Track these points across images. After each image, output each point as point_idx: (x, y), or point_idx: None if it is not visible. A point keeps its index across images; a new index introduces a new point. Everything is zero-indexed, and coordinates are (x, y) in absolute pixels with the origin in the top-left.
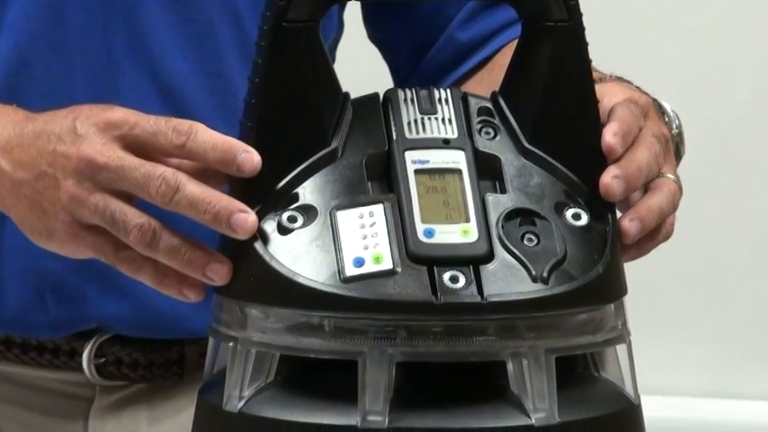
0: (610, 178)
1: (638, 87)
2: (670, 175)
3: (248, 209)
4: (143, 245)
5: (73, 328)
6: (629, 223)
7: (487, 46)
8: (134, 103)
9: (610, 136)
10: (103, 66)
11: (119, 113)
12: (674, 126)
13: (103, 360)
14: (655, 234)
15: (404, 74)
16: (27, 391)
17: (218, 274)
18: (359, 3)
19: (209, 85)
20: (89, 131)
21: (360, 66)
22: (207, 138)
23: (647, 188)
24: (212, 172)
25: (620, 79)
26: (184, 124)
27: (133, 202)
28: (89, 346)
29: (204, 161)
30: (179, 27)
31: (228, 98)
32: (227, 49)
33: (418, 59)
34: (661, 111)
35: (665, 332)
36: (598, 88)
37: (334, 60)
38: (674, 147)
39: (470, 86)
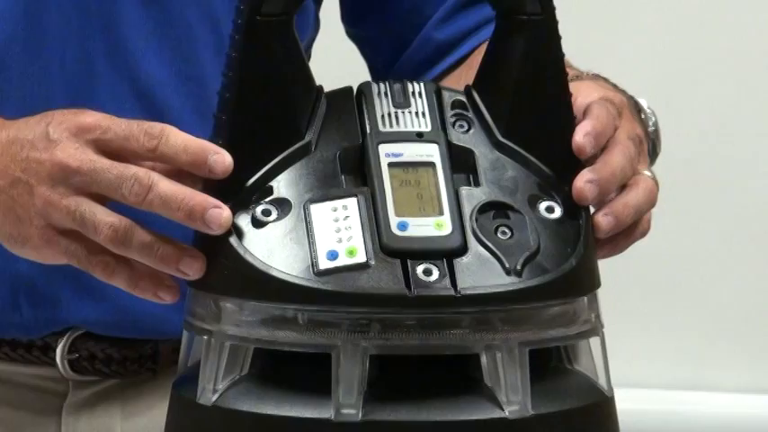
0: (583, 183)
1: (614, 85)
2: (646, 173)
3: (222, 204)
4: (115, 243)
5: (46, 329)
6: (603, 218)
7: (464, 44)
8: (110, 106)
9: (580, 136)
10: (80, 68)
11: (91, 118)
12: (651, 123)
13: (77, 355)
14: (630, 231)
15: (381, 72)
16: (0, 387)
17: (192, 268)
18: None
19: (186, 88)
20: (62, 137)
21: (337, 62)
22: (178, 140)
23: (623, 185)
24: (186, 172)
25: (596, 77)
26: (156, 128)
27: (107, 204)
28: (63, 342)
29: (176, 164)
30: (156, 30)
31: (205, 102)
32: (205, 52)
33: (395, 58)
34: (637, 108)
35: (638, 325)
36: (573, 86)
37: (309, 58)
38: (650, 144)
39: (448, 84)
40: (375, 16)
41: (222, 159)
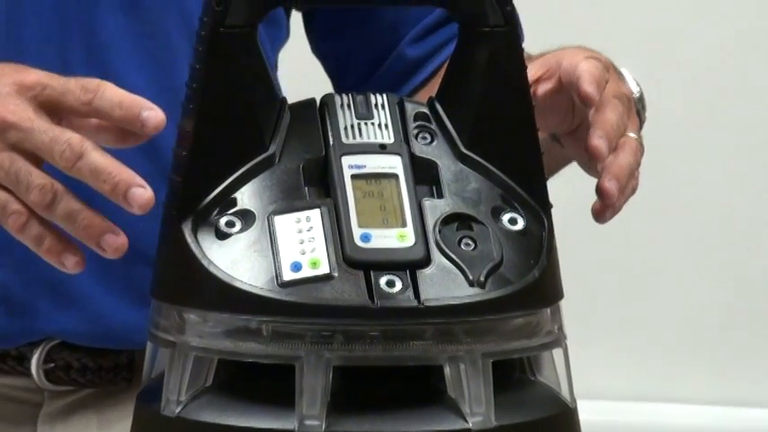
0: (597, 139)
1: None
2: (632, 134)
3: (147, 185)
4: (42, 205)
5: (22, 339)
6: (609, 183)
7: (435, 59)
8: None
9: (596, 139)
10: None
11: (32, 75)
12: (635, 90)
13: (52, 365)
14: (627, 189)
15: (350, 89)
16: None
17: (112, 245)
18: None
19: (165, 97)
20: (2, 91)
21: (305, 71)
22: (114, 95)
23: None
24: (129, 132)
25: (580, 47)
26: (93, 82)
27: (41, 167)
28: (38, 352)
29: (110, 119)
30: (136, 40)
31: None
32: (183, 62)
33: (368, 77)
34: (619, 75)
35: (602, 336)
36: (557, 53)
37: (276, 67)
38: (636, 110)
39: (421, 98)
40: (351, 33)
41: (155, 114)
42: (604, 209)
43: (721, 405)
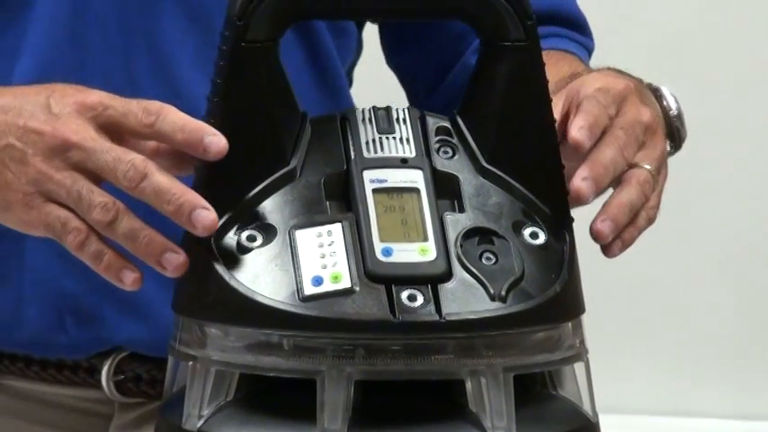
0: (579, 181)
1: (621, 73)
2: (645, 165)
3: (211, 207)
4: (104, 223)
5: (91, 349)
6: (602, 224)
7: None
8: None
9: (575, 131)
10: (124, 88)
11: (94, 96)
12: (673, 107)
13: (122, 377)
14: (633, 224)
15: (422, 99)
16: (47, 409)
17: (173, 264)
18: (376, 26)
19: None
20: (64, 111)
21: (377, 86)
22: (176, 118)
23: (619, 180)
24: (187, 157)
25: (606, 68)
26: (154, 105)
27: (101, 185)
28: (108, 364)
29: (172, 142)
30: (199, 49)
31: None
32: None
33: (436, 87)
34: (657, 94)
35: (623, 350)
36: (579, 80)
37: (351, 82)
38: (672, 129)
39: None
40: (418, 44)
41: (218, 141)
42: (609, 245)
43: (741, 419)
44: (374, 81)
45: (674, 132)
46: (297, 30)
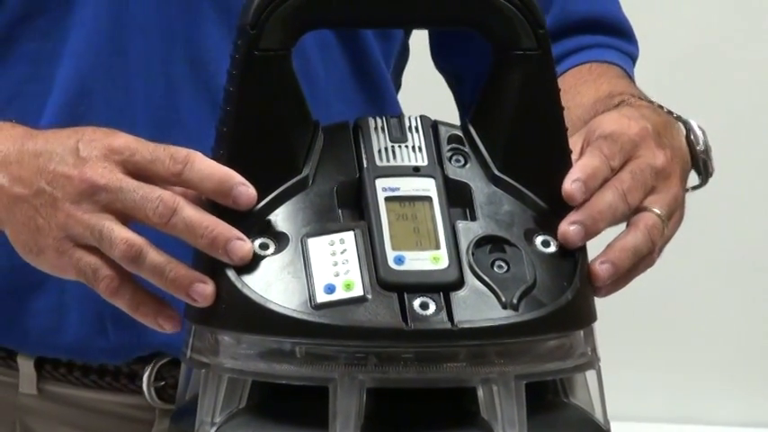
0: (567, 225)
1: (647, 107)
2: (655, 209)
3: (245, 237)
4: (128, 259)
5: (132, 354)
6: (600, 266)
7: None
8: (195, 131)
9: (569, 183)
10: (164, 93)
11: (121, 139)
12: (700, 143)
13: (163, 383)
14: (632, 270)
15: (468, 104)
16: (88, 415)
17: (202, 294)
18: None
19: None
20: (91, 155)
21: (428, 91)
22: (204, 167)
23: (628, 223)
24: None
25: (636, 99)
26: (181, 152)
27: (129, 225)
28: (149, 370)
29: (200, 190)
30: None
31: None
32: None
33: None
34: (686, 127)
35: (634, 358)
36: (597, 120)
37: (399, 87)
38: (699, 163)
39: None
40: (461, 49)
41: (247, 191)
42: (606, 286)
43: (753, 427)
44: (425, 85)
45: (701, 166)
46: (341, 35)
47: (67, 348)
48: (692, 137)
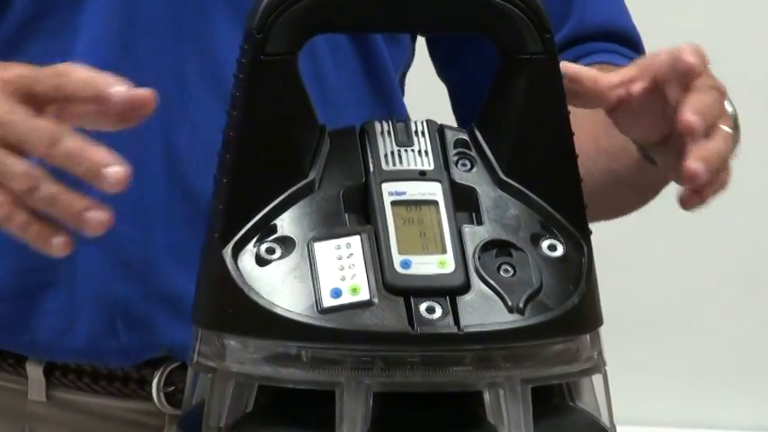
0: (690, 115)
1: None
2: (724, 127)
3: (123, 162)
4: (24, 191)
5: (143, 355)
6: (695, 164)
7: None
8: (206, 130)
9: (689, 114)
10: (175, 92)
11: (14, 70)
12: (729, 109)
13: (173, 388)
14: (716, 179)
15: (467, 114)
16: (97, 421)
17: (95, 220)
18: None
19: None
20: None
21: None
22: (81, 75)
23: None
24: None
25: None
26: (62, 66)
27: (27, 159)
28: (158, 375)
29: (80, 98)
30: None
31: None
32: None
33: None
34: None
35: (640, 362)
36: (648, 55)
37: (403, 91)
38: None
39: None
40: (470, 62)
41: (124, 91)
42: (691, 195)
43: (760, 430)
44: (425, 90)
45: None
46: (352, 38)
47: (78, 351)
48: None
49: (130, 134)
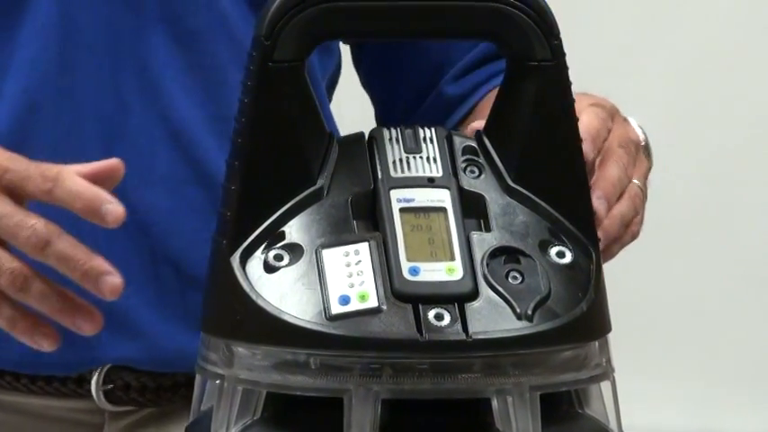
0: (595, 200)
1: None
2: (635, 181)
3: (115, 271)
4: (14, 288)
5: (82, 368)
6: (597, 201)
7: (474, 96)
8: (144, 147)
9: (594, 199)
10: (113, 109)
11: None
12: (641, 137)
13: (112, 386)
14: (621, 237)
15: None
16: (36, 421)
17: (88, 323)
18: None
19: (219, 128)
20: None
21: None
22: (72, 186)
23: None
24: None
25: (584, 93)
26: (52, 170)
27: (9, 249)
28: (97, 374)
29: (71, 208)
30: (187, 70)
31: None
32: (235, 93)
33: (410, 113)
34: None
35: (650, 369)
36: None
37: (330, 101)
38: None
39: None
40: (396, 72)
41: (114, 209)
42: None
43: None
44: (353, 99)
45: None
46: None
47: (14, 363)
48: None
49: (70, 151)
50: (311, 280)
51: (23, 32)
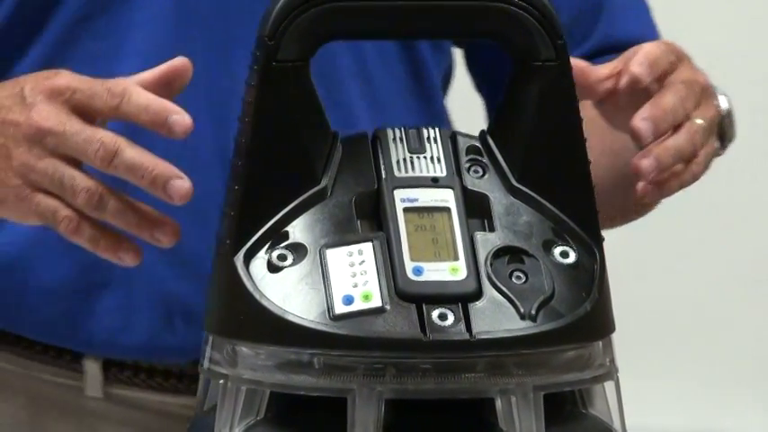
0: (639, 120)
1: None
2: (698, 120)
3: (183, 175)
4: (91, 206)
5: (199, 351)
6: (643, 159)
7: None
8: None
9: (636, 66)
10: (226, 86)
11: (63, 80)
12: (723, 106)
13: None
14: (678, 174)
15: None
16: (152, 417)
17: (167, 234)
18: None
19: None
20: (36, 99)
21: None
22: (141, 99)
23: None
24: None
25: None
26: (118, 86)
27: (83, 168)
28: None
29: (138, 122)
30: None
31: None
32: (346, 79)
33: None
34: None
35: (653, 369)
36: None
37: (445, 95)
38: (723, 127)
39: None
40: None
41: (182, 119)
42: (647, 186)
43: None
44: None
45: (723, 131)
46: (398, 44)
47: (136, 348)
48: (714, 101)
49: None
50: (315, 280)
51: (137, 14)
